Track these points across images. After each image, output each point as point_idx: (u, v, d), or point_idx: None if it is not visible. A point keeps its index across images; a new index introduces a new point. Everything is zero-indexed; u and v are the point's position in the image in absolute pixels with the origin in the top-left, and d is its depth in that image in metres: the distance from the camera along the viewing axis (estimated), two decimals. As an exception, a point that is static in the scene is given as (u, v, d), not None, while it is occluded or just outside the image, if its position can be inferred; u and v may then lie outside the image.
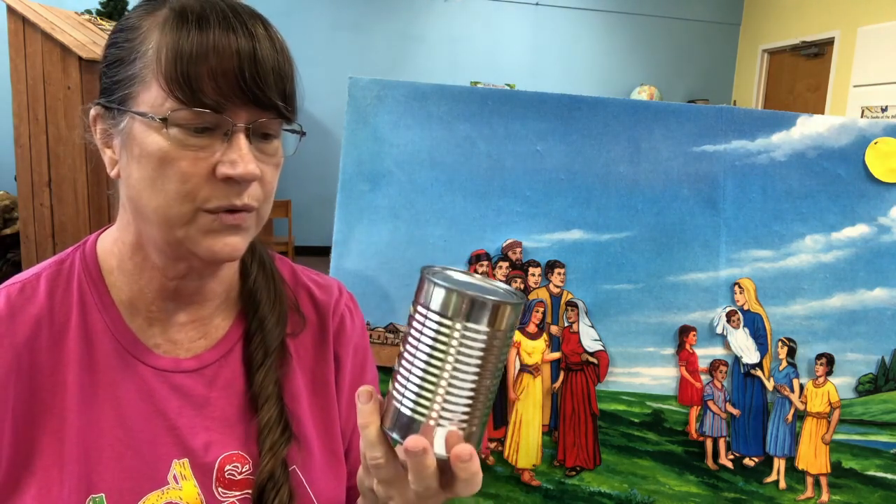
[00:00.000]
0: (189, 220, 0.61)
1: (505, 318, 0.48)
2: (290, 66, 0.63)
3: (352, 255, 0.96)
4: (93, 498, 0.61)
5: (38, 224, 4.01)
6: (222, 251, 0.62)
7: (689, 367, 0.99)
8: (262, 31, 0.60)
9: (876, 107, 5.48)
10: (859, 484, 0.99)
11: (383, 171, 0.97)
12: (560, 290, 0.98)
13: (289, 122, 0.64)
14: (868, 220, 1.00)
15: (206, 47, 0.57)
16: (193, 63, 0.57)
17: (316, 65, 5.97)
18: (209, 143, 0.59)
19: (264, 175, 0.63)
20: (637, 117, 0.99)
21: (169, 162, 0.59)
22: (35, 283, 0.66)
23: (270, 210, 0.67)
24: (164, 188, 0.59)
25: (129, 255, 0.68)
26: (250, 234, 0.65)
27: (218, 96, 0.58)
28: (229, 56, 0.57)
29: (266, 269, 0.76)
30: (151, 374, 0.67)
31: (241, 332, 0.73)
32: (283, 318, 0.74)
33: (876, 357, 0.99)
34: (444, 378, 0.48)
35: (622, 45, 7.18)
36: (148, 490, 0.64)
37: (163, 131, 0.58)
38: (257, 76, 0.58)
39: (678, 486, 0.98)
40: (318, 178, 5.94)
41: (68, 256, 0.70)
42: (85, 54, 3.85)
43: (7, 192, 5.05)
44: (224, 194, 0.60)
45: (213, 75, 0.57)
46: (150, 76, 0.59)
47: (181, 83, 0.57)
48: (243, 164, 0.59)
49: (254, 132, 0.61)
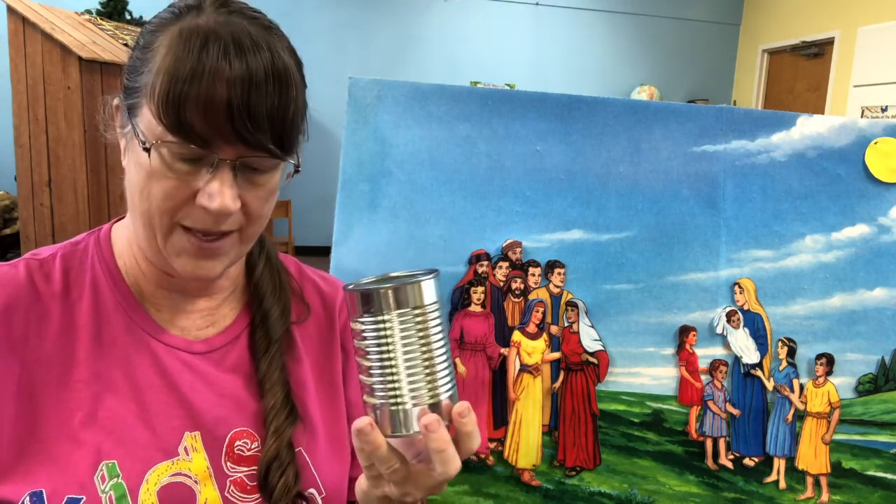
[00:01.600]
0: (168, 232, 0.62)
1: (426, 292, 0.55)
2: (293, 102, 0.61)
3: (352, 255, 0.96)
4: (105, 464, 0.62)
5: (38, 224, 4.01)
6: (196, 272, 0.64)
7: (689, 367, 0.99)
8: (266, 64, 0.58)
9: (876, 107, 5.48)
10: (859, 484, 0.99)
11: (383, 171, 0.97)
12: (560, 290, 0.98)
13: (283, 160, 0.63)
14: (868, 220, 1.00)
15: (197, 87, 0.56)
16: (184, 99, 0.56)
17: (316, 65, 5.96)
18: (195, 170, 0.60)
19: (249, 203, 0.63)
20: (637, 117, 0.99)
21: (155, 179, 0.60)
22: (52, 262, 0.68)
23: (261, 230, 0.68)
24: (149, 198, 0.61)
25: (135, 249, 0.70)
26: (231, 256, 0.66)
27: (205, 130, 0.57)
28: (220, 99, 0.56)
29: (272, 264, 0.78)
30: (164, 350, 0.69)
31: (248, 322, 0.75)
32: (287, 309, 0.76)
33: (876, 357, 0.99)
34: (413, 362, 0.54)
35: (622, 45, 7.18)
36: (158, 460, 0.65)
37: (151, 146, 0.59)
38: (247, 119, 0.57)
39: (678, 486, 0.99)
40: (318, 178, 5.93)
41: (83, 240, 0.72)
42: (85, 54, 3.85)
43: (7, 192, 5.04)
44: (201, 219, 0.61)
45: (202, 111, 0.57)
46: (148, 96, 0.59)
47: (171, 115, 0.57)
48: (220, 200, 0.59)
49: (242, 166, 0.61)
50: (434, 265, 0.96)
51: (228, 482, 0.67)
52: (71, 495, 0.60)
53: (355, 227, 0.96)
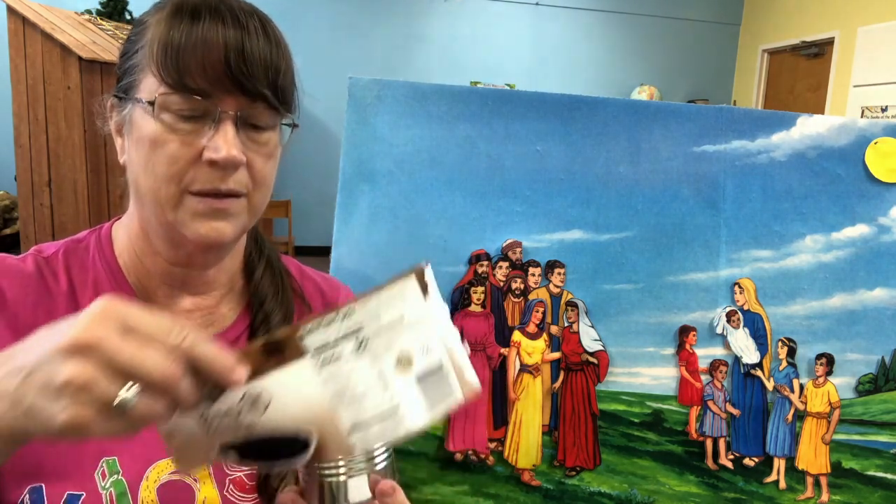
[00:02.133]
0: (177, 203, 0.63)
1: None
2: (285, 60, 0.64)
3: (352, 255, 0.96)
4: (105, 460, 0.63)
5: (38, 224, 4.01)
6: (209, 235, 0.64)
7: (689, 367, 0.99)
8: (256, 25, 0.62)
9: (876, 107, 5.48)
10: (859, 484, 0.99)
11: (383, 171, 0.97)
12: (560, 290, 0.98)
13: (280, 113, 0.65)
14: (868, 220, 1.00)
15: (195, 36, 0.60)
16: (183, 51, 0.60)
17: (316, 65, 5.97)
18: (197, 128, 0.61)
19: (253, 163, 0.64)
20: (637, 117, 0.99)
21: (159, 145, 0.61)
22: (56, 260, 0.69)
23: (266, 200, 0.69)
24: (154, 170, 0.62)
25: (136, 240, 0.70)
26: (240, 221, 0.66)
27: (205, 83, 0.60)
28: (217, 45, 0.60)
29: (273, 267, 0.78)
30: None
31: (248, 323, 0.75)
32: (290, 314, 0.76)
33: (876, 357, 1.00)
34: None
35: (622, 45, 7.18)
36: (158, 457, 0.65)
37: (155, 116, 0.61)
38: (244, 64, 0.60)
39: (678, 486, 0.99)
40: (318, 178, 5.94)
41: (84, 238, 0.72)
42: (85, 54, 3.85)
43: (7, 192, 5.04)
44: (208, 178, 0.62)
45: (201, 63, 0.60)
46: (146, 65, 0.62)
47: (170, 69, 0.60)
48: (226, 149, 0.60)
49: (243, 122, 0.63)
50: (434, 265, 0.96)
51: (228, 481, 0.67)
52: (71, 492, 0.61)
53: (355, 227, 0.96)
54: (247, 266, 0.77)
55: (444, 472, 0.96)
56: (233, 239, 0.66)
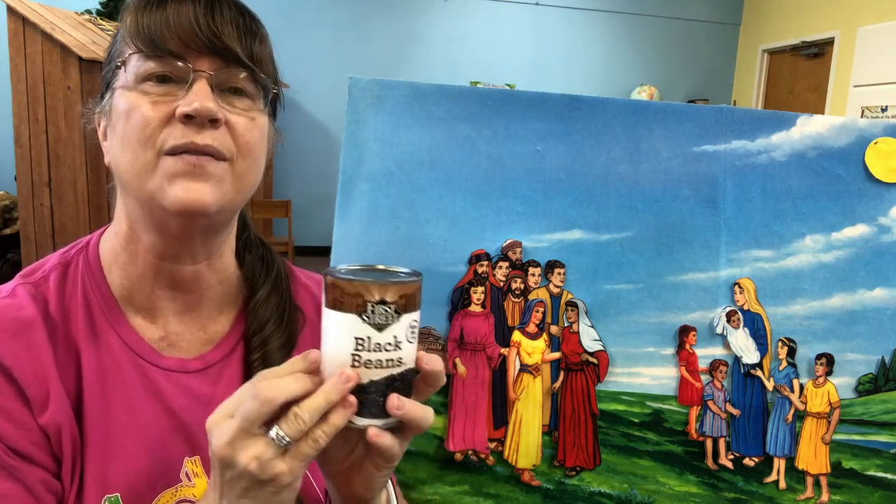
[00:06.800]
0: (154, 168, 0.61)
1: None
2: (258, 27, 0.66)
3: (352, 256, 0.96)
4: (108, 498, 0.61)
5: (38, 224, 4.01)
6: (187, 197, 0.61)
7: (689, 367, 0.99)
8: (229, 1, 0.65)
9: (876, 107, 5.48)
10: (859, 484, 0.99)
11: (383, 171, 0.97)
12: (560, 290, 0.98)
13: (258, 79, 0.65)
14: (868, 220, 1.00)
15: (167, 9, 0.62)
16: (154, 20, 0.62)
17: (316, 65, 5.97)
18: (171, 90, 0.62)
19: (235, 126, 0.64)
20: (637, 117, 0.99)
21: (133, 111, 0.61)
22: (45, 287, 0.67)
23: (254, 175, 0.67)
24: (129, 141, 0.62)
25: (124, 244, 0.69)
26: (222, 188, 0.63)
27: (177, 46, 0.61)
28: (186, 11, 0.62)
29: (281, 292, 0.77)
30: (159, 374, 0.68)
31: (241, 333, 0.74)
32: (291, 343, 0.74)
33: (876, 357, 1.00)
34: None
35: (622, 45, 7.18)
36: (161, 488, 0.64)
37: (131, 87, 0.62)
38: (213, 24, 0.62)
39: (678, 486, 0.99)
40: (318, 178, 5.94)
41: (73, 259, 0.70)
42: (85, 54, 3.84)
43: (7, 192, 5.04)
44: (182, 133, 0.61)
45: (173, 28, 0.61)
46: (123, 49, 0.64)
47: (143, 36, 0.61)
48: (199, 101, 0.60)
49: (220, 85, 0.63)
50: (434, 265, 0.96)
51: None
52: None
53: (355, 227, 0.96)
54: (250, 282, 0.76)
55: (443, 472, 0.96)
56: (214, 207, 0.63)
